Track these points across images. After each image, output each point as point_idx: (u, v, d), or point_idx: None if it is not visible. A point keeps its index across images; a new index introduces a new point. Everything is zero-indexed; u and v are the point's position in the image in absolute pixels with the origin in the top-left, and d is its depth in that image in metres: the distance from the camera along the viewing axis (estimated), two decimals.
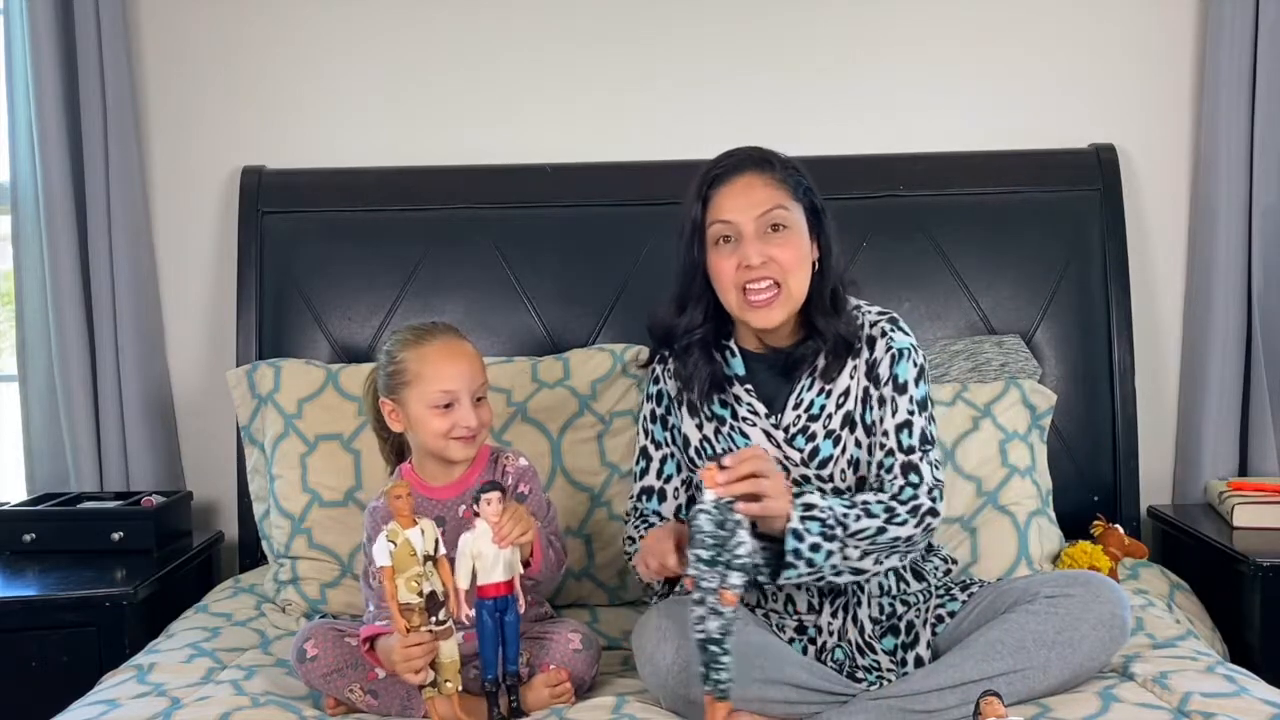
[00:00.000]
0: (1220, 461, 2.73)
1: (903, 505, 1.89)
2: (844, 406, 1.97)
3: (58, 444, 2.78)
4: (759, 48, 2.82)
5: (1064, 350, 2.67)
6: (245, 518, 2.65)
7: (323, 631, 1.95)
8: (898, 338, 1.97)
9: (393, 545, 1.75)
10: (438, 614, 1.77)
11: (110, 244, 2.74)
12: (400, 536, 1.75)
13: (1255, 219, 2.71)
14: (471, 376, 2.00)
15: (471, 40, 2.83)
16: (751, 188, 1.93)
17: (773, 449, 1.97)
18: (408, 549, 1.75)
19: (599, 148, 2.79)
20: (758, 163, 1.96)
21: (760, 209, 1.92)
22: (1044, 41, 2.81)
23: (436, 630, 1.77)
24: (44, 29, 2.67)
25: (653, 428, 2.12)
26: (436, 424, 1.98)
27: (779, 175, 1.94)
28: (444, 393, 1.98)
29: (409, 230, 2.72)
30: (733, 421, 2.01)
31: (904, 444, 1.93)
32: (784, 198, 1.93)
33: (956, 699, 1.80)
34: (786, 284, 1.92)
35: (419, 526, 1.77)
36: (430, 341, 2.02)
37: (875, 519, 1.86)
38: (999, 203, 2.71)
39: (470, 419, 1.98)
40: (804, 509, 1.81)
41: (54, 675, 2.24)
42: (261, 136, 2.84)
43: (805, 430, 1.98)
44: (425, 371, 1.99)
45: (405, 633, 1.76)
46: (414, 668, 1.78)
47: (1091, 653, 1.84)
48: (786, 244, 1.92)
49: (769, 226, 1.92)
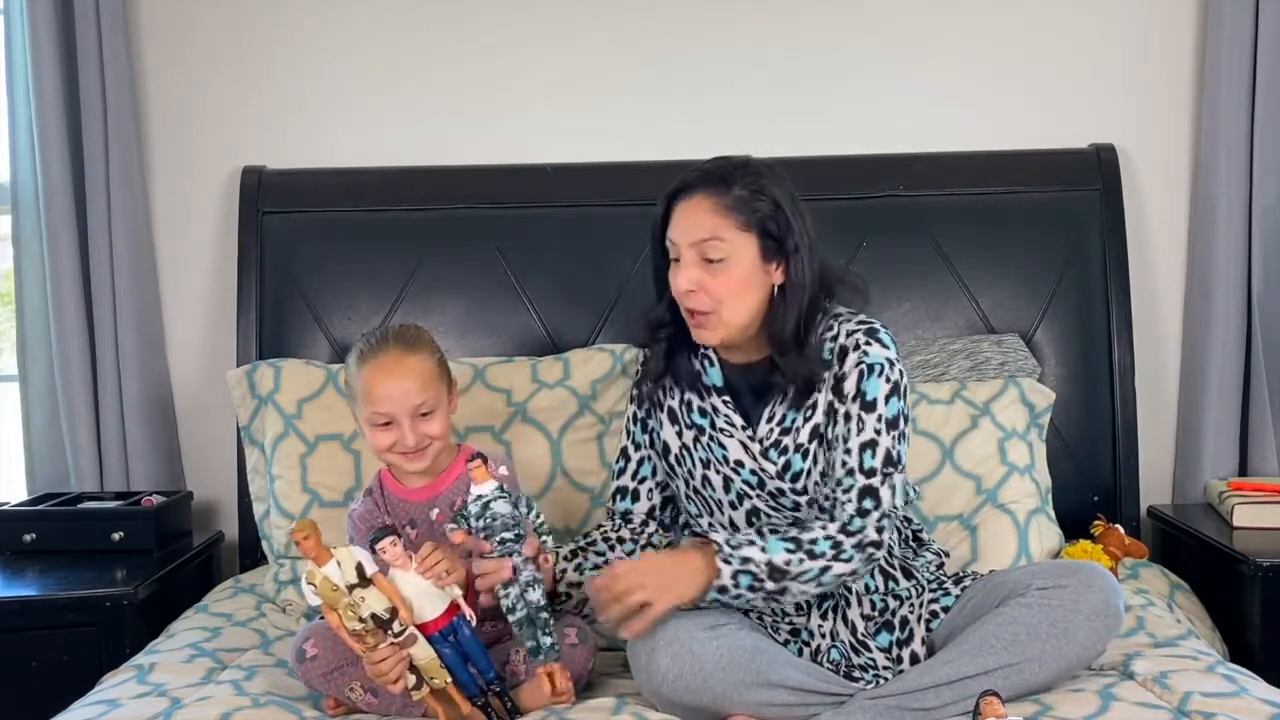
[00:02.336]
0: (1220, 461, 2.73)
1: (849, 539, 1.87)
2: (811, 420, 1.96)
3: (58, 444, 2.78)
4: (759, 48, 2.82)
5: (1064, 350, 2.67)
6: (245, 518, 2.65)
7: (321, 631, 1.94)
8: (873, 351, 1.91)
9: (313, 586, 1.75)
10: (391, 628, 1.76)
11: (110, 244, 2.74)
12: (318, 576, 1.74)
13: (1255, 219, 2.71)
14: (404, 397, 1.96)
15: (471, 40, 2.83)
16: (697, 212, 1.90)
17: (749, 460, 1.98)
18: (328, 585, 1.74)
19: (599, 148, 2.79)
20: (714, 182, 1.91)
21: (696, 236, 1.90)
22: (1044, 41, 2.81)
23: (398, 641, 1.78)
24: (44, 29, 2.67)
25: (634, 429, 2.13)
26: (377, 440, 2.00)
27: (729, 201, 1.89)
28: (377, 414, 1.97)
29: (409, 230, 2.72)
30: (711, 431, 2.01)
31: (865, 465, 1.89)
32: (727, 227, 1.89)
33: (953, 695, 1.80)
34: (718, 312, 1.91)
35: (334, 559, 1.75)
36: (372, 358, 1.99)
37: (819, 560, 1.85)
38: (999, 203, 2.71)
39: (407, 439, 1.96)
40: (740, 562, 1.83)
41: (54, 675, 2.24)
42: (261, 136, 2.84)
43: (778, 444, 1.97)
44: (362, 391, 1.99)
45: (364, 654, 1.78)
46: (389, 680, 1.79)
47: (1086, 643, 1.84)
48: (719, 274, 1.89)
49: (703, 257, 1.90)
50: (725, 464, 1.99)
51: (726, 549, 1.83)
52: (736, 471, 1.98)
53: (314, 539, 1.74)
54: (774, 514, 1.98)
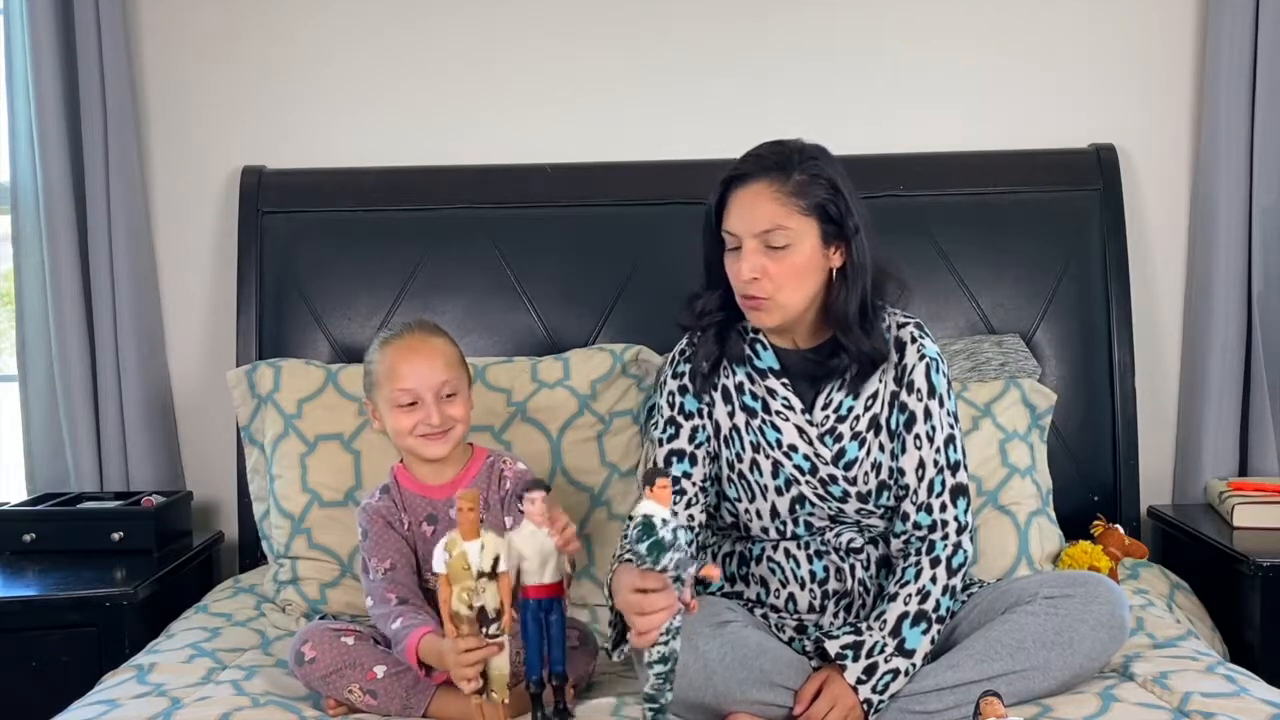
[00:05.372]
0: (1220, 461, 2.73)
1: (954, 562, 1.92)
2: (871, 410, 1.96)
3: (58, 444, 2.78)
4: (759, 48, 2.81)
5: (1064, 350, 2.67)
6: (245, 518, 2.65)
7: (319, 633, 1.94)
8: (928, 346, 1.97)
9: (448, 555, 1.70)
10: (489, 628, 1.71)
11: (110, 244, 2.74)
12: (457, 548, 1.69)
13: (1255, 219, 2.71)
14: (431, 373, 2.00)
15: (471, 40, 2.83)
16: (758, 201, 1.89)
17: (804, 445, 1.97)
18: (462, 562, 1.69)
19: (599, 148, 2.79)
20: (774, 169, 1.89)
21: (760, 227, 1.89)
22: (1044, 42, 2.81)
23: (491, 640, 1.72)
24: (44, 29, 2.67)
25: (680, 399, 2.03)
26: (400, 422, 2.00)
27: (790, 188, 1.88)
28: (403, 391, 1.99)
29: (409, 230, 2.72)
30: (765, 415, 1.99)
31: (951, 460, 1.95)
32: (789, 215, 1.88)
33: (955, 699, 1.80)
34: (775, 297, 1.90)
35: (480, 541, 1.70)
36: (394, 342, 2.03)
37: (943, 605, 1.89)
38: (999, 203, 2.71)
39: (432, 416, 1.98)
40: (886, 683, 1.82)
41: (54, 675, 2.24)
42: (261, 136, 2.84)
43: (832, 431, 1.97)
44: (386, 371, 2.01)
45: (455, 638, 1.71)
46: (467, 675, 1.73)
47: (1090, 653, 1.84)
48: (781, 260, 1.89)
49: (766, 245, 1.89)
50: (777, 448, 1.97)
51: (875, 698, 1.81)
52: (789, 456, 1.97)
53: (476, 512, 1.71)
54: (820, 503, 1.97)
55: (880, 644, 1.84)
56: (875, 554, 1.99)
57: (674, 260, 2.62)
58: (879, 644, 1.84)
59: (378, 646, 1.94)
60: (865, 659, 1.83)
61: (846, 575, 1.97)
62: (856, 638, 1.85)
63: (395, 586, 1.98)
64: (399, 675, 1.90)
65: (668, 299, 2.12)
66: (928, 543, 1.92)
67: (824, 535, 1.99)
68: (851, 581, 1.97)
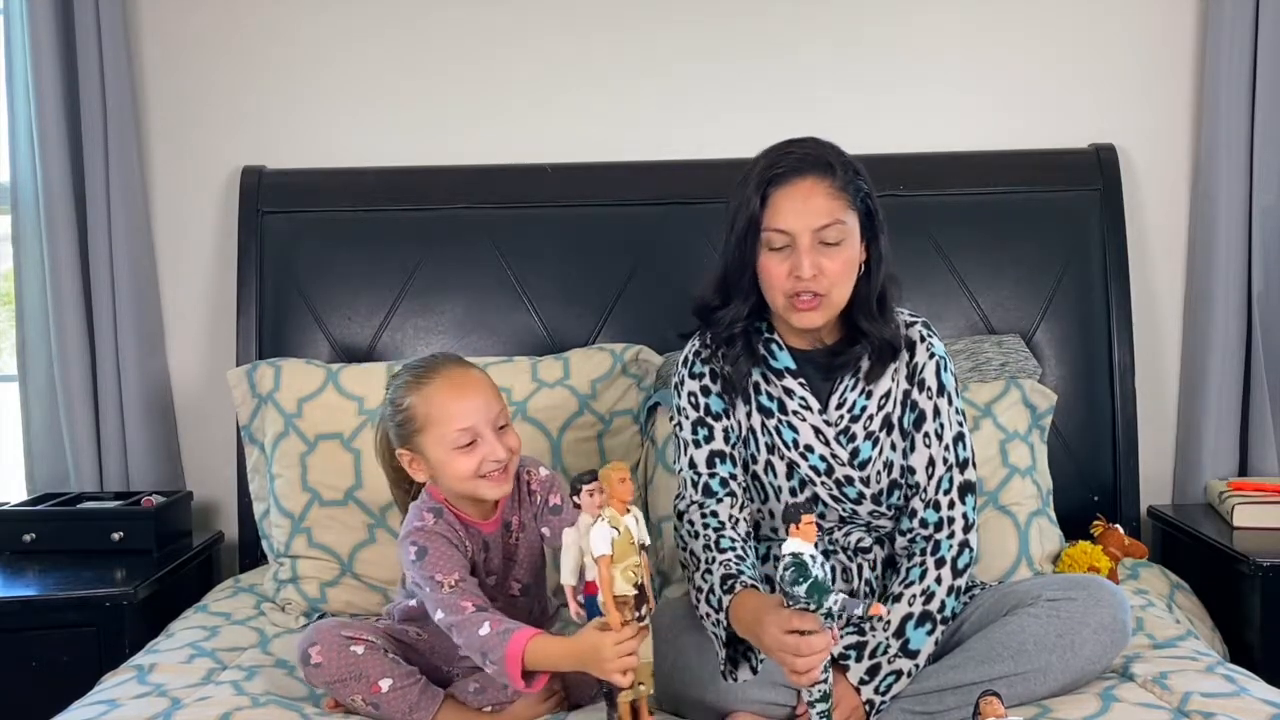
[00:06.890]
0: (1220, 461, 2.73)
1: (959, 562, 1.92)
2: (884, 408, 1.97)
3: (58, 444, 2.78)
4: (759, 48, 2.81)
5: (1064, 350, 2.67)
6: (245, 517, 2.65)
7: (329, 637, 1.88)
8: (936, 344, 1.99)
9: (616, 532, 1.59)
10: (640, 610, 1.65)
11: (110, 244, 2.74)
12: (622, 523, 1.60)
13: (1255, 219, 2.71)
14: (486, 408, 1.87)
15: (471, 40, 2.83)
16: (812, 196, 1.86)
17: (820, 445, 1.96)
18: (628, 536, 1.61)
19: (599, 148, 2.78)
20: (820, 166, 1.87)
21: (819, 222, 1.86)
22: (1044, 41, 2.81)
23: (641, 625, 1.66)
24: (44, 29, 2.66)
25: (706, 400, 1.99)
26: (462, 465, 1.85)
27: (839, 183, 1.87)
28: (462, 431, 1.85)
29: (409, 230, 2.72)
30: (781, 415, 1.98)
31: (960, 457, 1.95)
32: (842, 209, 1.87)
33: (956, 700, 1.81)
34: (830, 294, 1.88)
35: (632, 514, 1.63)
36: (432, 379, 1.88)
37: (948, 606, 1.89)
38: (999, 203, 2.71)
39: (498, 452, 1.85)
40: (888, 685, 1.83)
41: (54, 675, 2.24)
42: (261, 136, 2.84)
43: (846, 430, 1.97)
44: (435, 413, 1.86)
45: (620, 626, 1.62)
46: (629, 665, 1.63)
47: (1092, 656, 1.84)
48: (838, 257, 1.87)
49: (821, 241, 1.87)
50: (792, 448, 1.96)
51: (877, 699, 1.82)
52: (805, 456, 1.96)
53: (629, 486, 1.62)
54: (834, 504, 1.97)
55: (884, 645, 1.84)
56: (882, 554, 1.99)
57: (674, 260, 2.64)
58: (882, 645, 1.84)
59: (388, 656, 1.88)
60: (868, 660, 1.83)
61: (853, 575, 1.97)
62: (860, 638, 1.85)
63: (469, 596, 1.84)
64: (404, 690, 1.85)
65: (668, 299, 2.12)
66: (933, 543, 1.92)
67: (832, 535, 1.99)
68: (858, 581, 1.97)
